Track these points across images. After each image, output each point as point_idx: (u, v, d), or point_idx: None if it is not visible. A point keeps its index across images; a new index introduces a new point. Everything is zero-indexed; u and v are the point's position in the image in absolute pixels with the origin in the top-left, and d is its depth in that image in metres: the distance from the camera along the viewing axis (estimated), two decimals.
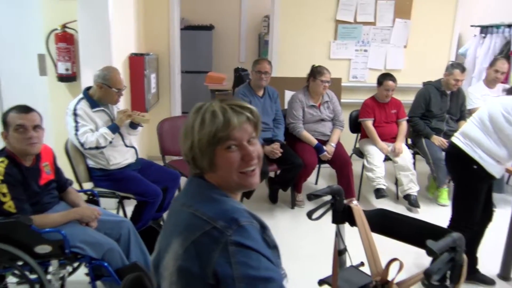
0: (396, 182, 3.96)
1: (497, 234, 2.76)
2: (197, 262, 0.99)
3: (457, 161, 2.55)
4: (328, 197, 1.82)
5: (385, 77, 3.84)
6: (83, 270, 2.25)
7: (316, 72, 3.69)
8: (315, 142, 3.68)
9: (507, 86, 4.14)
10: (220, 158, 1.09)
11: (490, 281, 2.69)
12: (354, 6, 4.75)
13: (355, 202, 3.69)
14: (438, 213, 3.72)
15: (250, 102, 3.58)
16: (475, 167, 2.41)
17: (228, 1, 7.30)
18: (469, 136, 2.46)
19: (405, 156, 3.80)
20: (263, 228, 1.10)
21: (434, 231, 1.49)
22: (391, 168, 3.95)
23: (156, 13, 4.56)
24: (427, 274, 1.31)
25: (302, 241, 3.21)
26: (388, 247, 1.73)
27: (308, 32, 4.79)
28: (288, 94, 4.28)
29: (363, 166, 3.88)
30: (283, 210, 3.75)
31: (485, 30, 7.00)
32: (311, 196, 1.75)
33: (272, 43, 4.83)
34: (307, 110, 3.73)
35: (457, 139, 2.53)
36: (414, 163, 3.88)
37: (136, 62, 3.91)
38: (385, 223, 1.75)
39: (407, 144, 4.08)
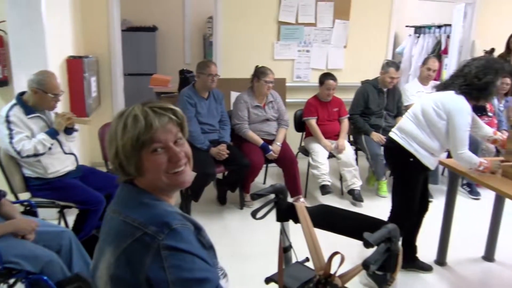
0: (341, 178, 4.10)
1: (433, 223, 2.94)
2: (129, 269, 0.98)
3: (395, 155, 2.69)
4: (272, 196, 1.85)
5: (326, 77, 3.96)
6: (20, 286, 2.13)
7: (259, 72, 3.73)
8: (261, 142, 3.72)
9: (437, 83, 4.41)
10: (147, 162, 1.07)
11: (428, 267, 2.86)
12: (295, 7, 4.86)
13: (302, 199, 3.78)
14: (380, 205, 3.88)
15: (196, 104, 3.56)
16: (411, 160, 2.55)
17: (171, 1, 7.20)
18: (405, 131, 2.59)
19: (348, 152, 3.94)
20: (198, 229, 1.11)
21: (371, 224, 1.56)
22: (335, 164, 4.09)
23: (95, 14, 4.41)
24: (365, 265, 1.37)
25: (253, 240, 3.24)
26: (334, 242, 1.79)
27: (251, 33, 4.83)
28: (234, 95, 4.29)
29: (309, 164, 3.98)
30: (232, 211, 3.76)
31: (419, 30, 7.42)
32: (255, 196, 1.78)
33: (216, 44, 4.83)
34: (252, 110, 3.77)
35: (394, 133, 2.67)
36: (356, 159, 4.04)
37: (74, 65, 3.75)
38: (327, 218, 1.80)
39: (349, 141, 4.23)
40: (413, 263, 2.83)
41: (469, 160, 2.49)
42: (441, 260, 2.96)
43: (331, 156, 4.00)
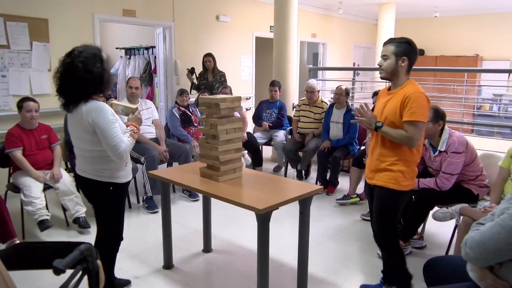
0: (64, 208, 3.83)
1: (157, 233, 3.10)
2: None
3: (92, 189, 2.48)
4: None
5: (23, 100, 3.68)
6: None
7: None
8: None
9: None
10: None
11: (126, 282, 2.88)
12: None
13: (17, 241, 3.34)
14: None
15: None
16: (111, 188, 2.45)
17: None
18: (89, 166, 2.42)
19: (65, 180, 3.73)
20: None
21: (66, 249, 1.52)
22: (55, 195, 3.80)
23: None
24: None
25: None
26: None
27: None
28: None
29: (22, 201, 3.55)
30: None
31: (129, 51, 7.77)
32: None
33: None
34: None
35: (82, 171, 2.45)
36: (76, 185, 3.86)
37: None
38: (24, 256, 1.65)
39: (66, 168, 4.01)
40: (111, 283, 2.68)
41: (127, 149, 2.34)
42: (167, 264, 3.16)
43: (47, 187, 3.69)
